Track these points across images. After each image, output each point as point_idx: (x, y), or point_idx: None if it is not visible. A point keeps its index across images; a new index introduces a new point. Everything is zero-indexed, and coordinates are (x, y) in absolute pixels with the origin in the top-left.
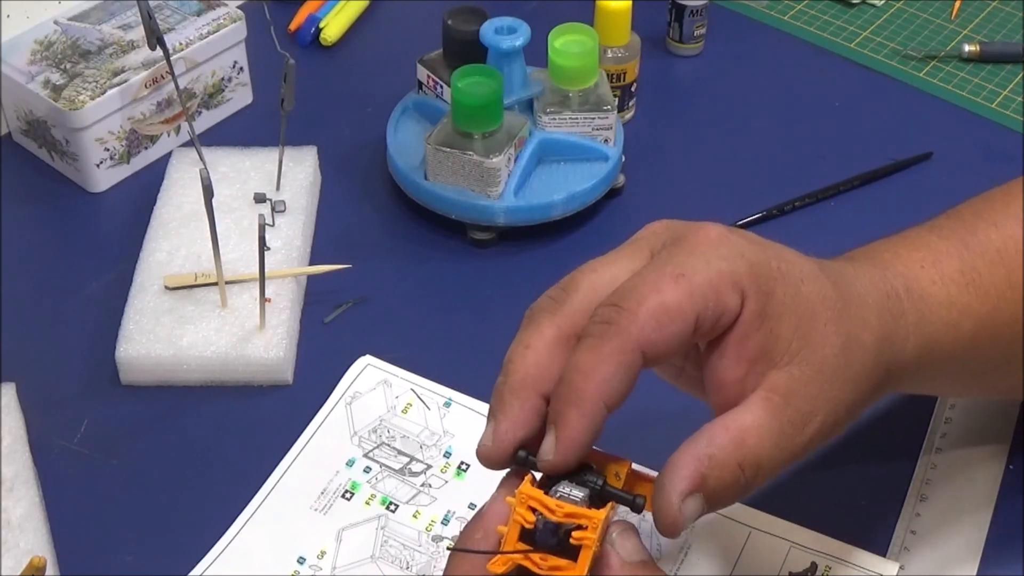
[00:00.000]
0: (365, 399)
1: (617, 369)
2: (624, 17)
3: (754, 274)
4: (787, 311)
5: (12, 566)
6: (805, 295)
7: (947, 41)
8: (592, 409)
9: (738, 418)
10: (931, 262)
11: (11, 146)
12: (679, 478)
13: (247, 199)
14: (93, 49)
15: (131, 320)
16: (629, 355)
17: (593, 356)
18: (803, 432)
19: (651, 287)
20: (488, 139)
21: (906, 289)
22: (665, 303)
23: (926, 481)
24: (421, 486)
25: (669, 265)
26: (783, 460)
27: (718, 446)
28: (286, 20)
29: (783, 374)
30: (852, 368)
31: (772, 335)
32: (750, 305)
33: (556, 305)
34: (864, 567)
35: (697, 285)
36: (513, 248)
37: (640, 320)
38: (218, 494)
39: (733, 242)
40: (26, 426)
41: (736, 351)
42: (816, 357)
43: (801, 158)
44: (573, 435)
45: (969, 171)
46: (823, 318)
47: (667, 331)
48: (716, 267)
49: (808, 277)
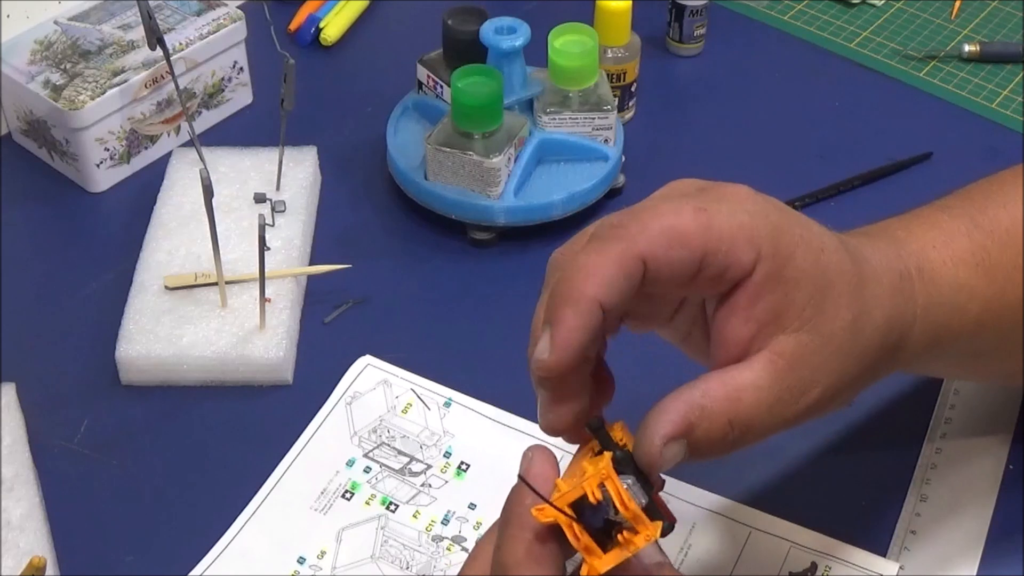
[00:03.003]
0: (365, 399)
1: (617, 272)
2: (624, 17)
3: (775, 236)
4: (804, 277)
5: (12, 566)
6: (824, 264)
7: (947, 41)
8: (588, 308)
9: (737, 375)
10: (942, 242)
11: (11, 146)
12: (665, 420)
13: (247, 199)
14: (93, 49)
15: (131, 320)
16: (631, 260)
17: (596, 257)
18: (800, 400)
19: (670, 208)
20: (488, 139)
21: (918, 270)
22: (678, 226)
23: (926, 481)
24: (421, 486)
25: (694, 199)
26: (775, 425)
27: (711, 398)
28: (286, 20)
29: (791, 339)
30: (860, 343)
31: (786, 299)
32: (765, 266)
33: (572, 253)
34: (864, 567)
35: (715, 224)
36: (513, 248)
37: (650, 232)
38: (218, 494)
39: (760, 202)
40: (26, 426)
41: (747, 310)
42: (826, 327)
43: (801, 158)
44: (568, 334)
45: (969, 171)
46: (838, 290)
47: (673, 253)
48: (738, 218)
49: (829, 247)
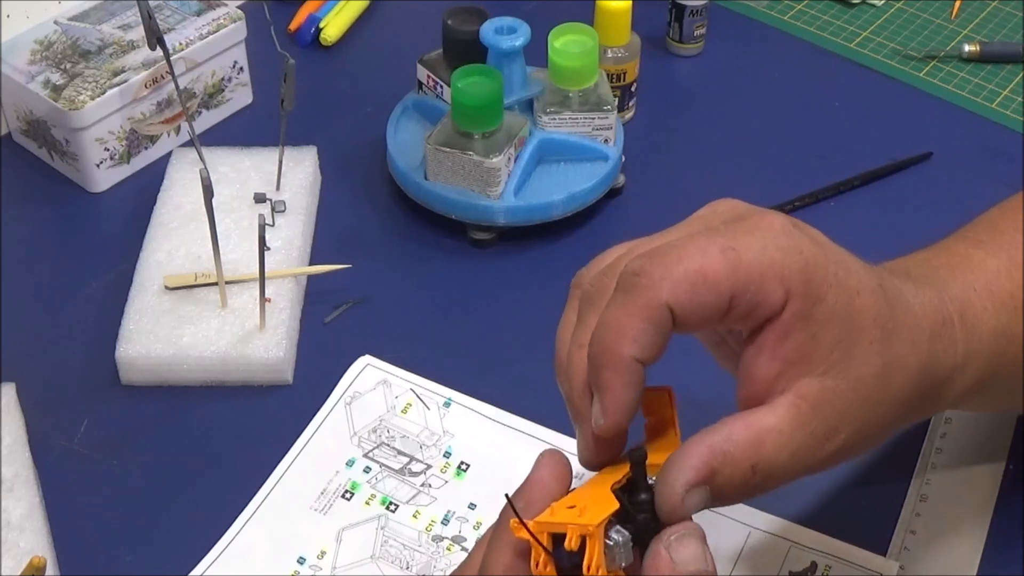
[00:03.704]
0: (365, 399)
1: (646, 326)
2: (624, 17)
3: (807, 274)
4: (834, 320)
5: (12, 566)
6: (857, 308)
7: (947, 41)
8: (626, 367)
9: (761, 419)
10: (983, 285)
11: (11, 146)
12: (688, 467)
13: (247, 199)
14: (93, 49)
15: (131, 320)
16: (658, 311)
17: (621, 312)
18: (824, 447)
19: (696, 249)
20: (488, 139)
21: (960, 316)
22: (704, 270)
23: (926, 481)
24: (421, 486)
25: (722, 236)
26: (798, 470)
27: (734, 443)
28: (286, 20)
29: (816, 383)
30: (890, 391)
31: (814, 340)
32: (795, 304)
33: (600, 292)
34: (864, 566)
35: (744, 264)
36: (513, 248)
37: (674, 279)
38: (218, 494)
39: (795, 237)
40: (26, 426)
41: (773, 348)
42: (854, 373)
43: (801, 158)
44: (616, 397)
45: (969, 171)
46: (870, 335)
47: (699, 299)
48: (769, 255)
49: (865, 290)
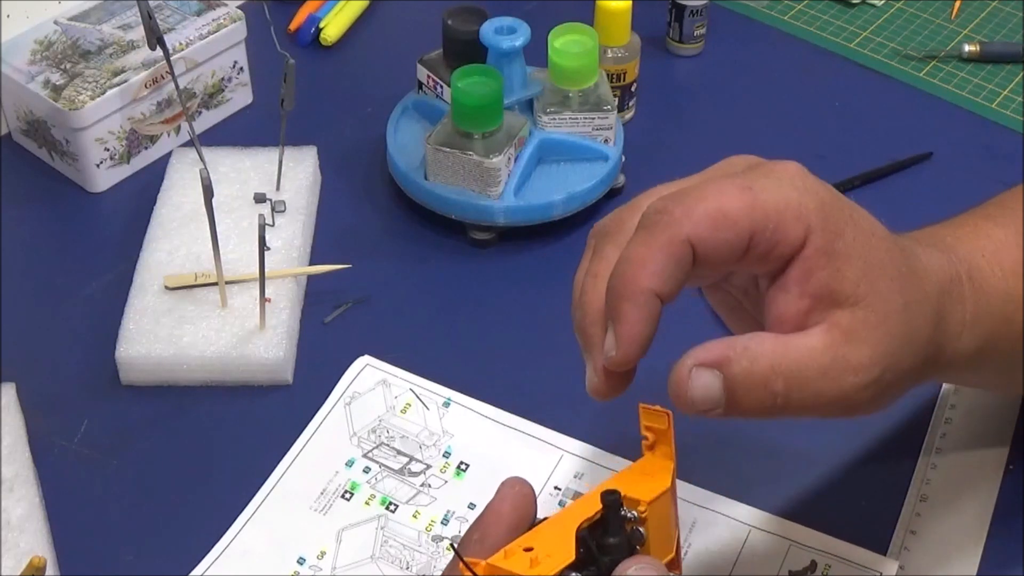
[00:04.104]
0: (364, 399)
1: (667, 260)
2: (624, 17)
3: (824, 212)
4: (856, 254)
5: (12, 566)
6: (875, 245)
7: (947, 41)
8: (645, 300)
9: (792, 336)
10: (991, 251)
11: (11, 146)
12: (701, 348)
13: (247, 199)
14: (93, 49)
15: (131, 320)
16: (679, 246)
17: (644, 248)
18: (853, 377)
19: (714, 189)
20: (488, 139)
21: (968, 276)
22: (724, 207)
23: (926, 481)
24: (420, 486)
25: (739, 178)
26: (823, 392)
27: (758, 340)
28: (286, 20)
29: (847, 313)
30: (912, 329)
31: (839, 274)
32: (816, 240)
33: (618, 227)
34: (864, 566)
35: (762, 202)
36: (513, 248)
37: (695, 216)
38: (218, 494)
39: (810, 180)
40: (26, 426)
41: (800, 285)
42: (881, 306)
43: (801, 158)
44: (632, 329)
45: (969, 171)
46: (890, 273)
47: (720, 235)
48: (786, 194)
49: (879, 232)
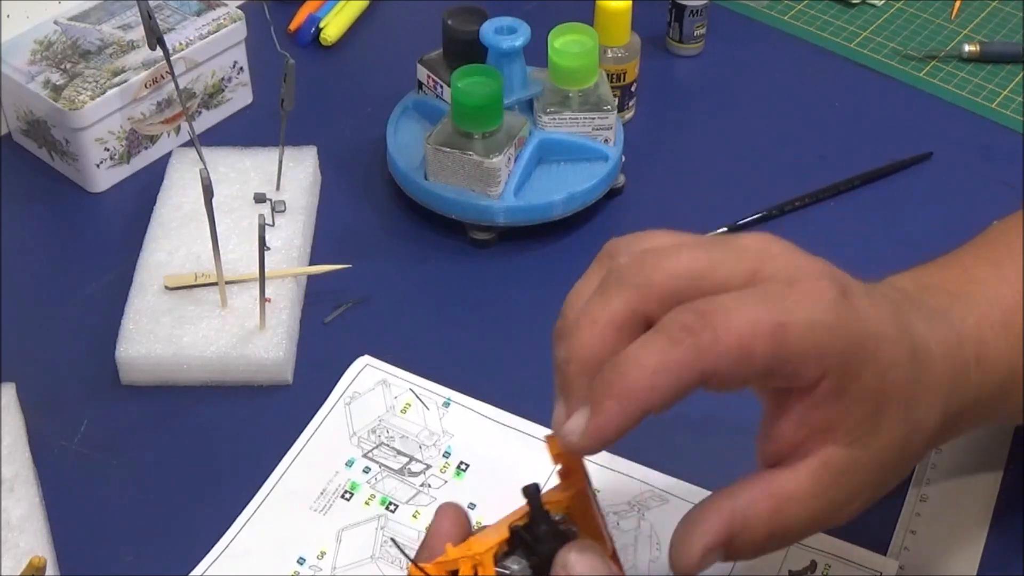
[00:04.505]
0: (364, 399)
1: (676, 384)
2: (624, 17)
3: (846, 353)
4: (866, 396)
5: (12, 566)
6: (889, 382)
7: (947, 41)
8: (634, 410)
9: (782, 485)
10: (1000, 323)
11: (11, 146)
12: (707, 531)
13: (247, 199)
14: (93, 49)
15: (131, 320)
16: (693, 375)
17: (658, 358)
18: (842, 511)
19: (749, 320)
20: (488, 139)
21: (976, 359)
22: (754, 346)
23: (926, 481)
24: (420, 486)
25: (774, 304)
26: (812, 532)
27: (756, 511)
28: (286, 20)
29: (841, 452)
30: (908, 455)
31: (844, 414)
32: (829, 382)
33: (636, 278)
34: (864, 565)
35: (790, 344)
36: (513, 248)
37: (720, 348)
38: (218, 494)
39: (842, 312)
40: (26, 426)
41: (802, 416)
42: (877, 444)
43: (801, 158)
44: (606, 427)
45: (969, 171)
46: (897, 407)
47: (740, 371)
48: (815, 333)
49: (899, 361)
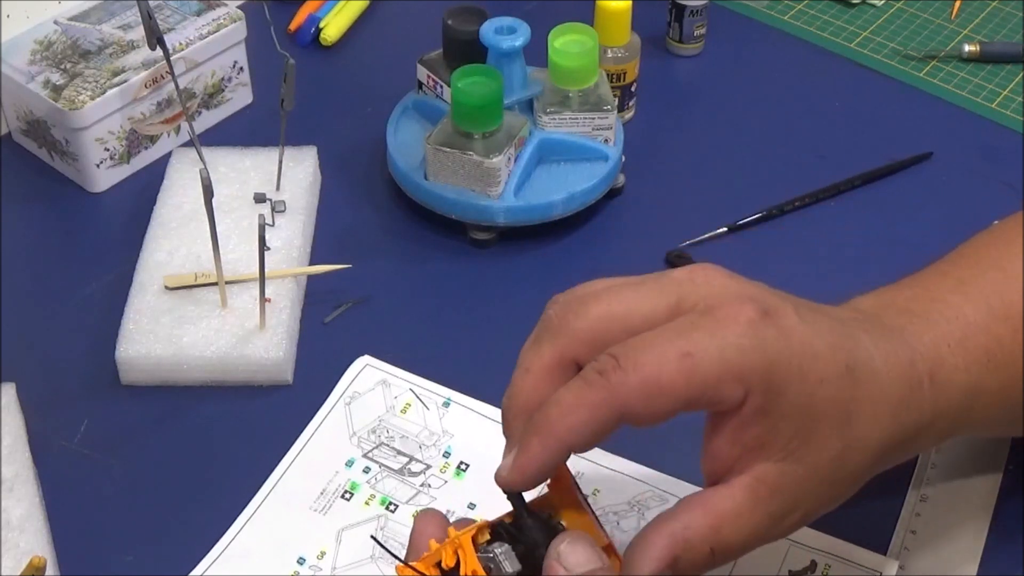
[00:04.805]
0: (364, 399)
1: (591, 421)
2: (624, 17)
3: (768, 372)
4: (794, 412)
5: (12, 566)
6: (819, 398)
7: (947, 41)
8: (555, 446)
9: (719, 503)
10: (957, 340)
11: (11, 146)
12: (652, 558)
13: (247, 199)
14: (93, 49)
15: (131, 320)
16: (607, 412)
17: (575, 400)
18: (780, 524)
19: (656, 356)
20: (488, 139)
21: (930, 377)
22: (661, 380)
23: (926, 481)
24: (420, 486)
25: (683, 338)
26: (755, 545)
27: (694, 530)
28: (286, 20)
29: (775, 468)
30: (847, 470)
31: (773, 431)
32: (754, 400)
33: (559, 327)
34: (864, 565)
35: (700, 371)
36: (513, 248)
37: (630, 386)
38: (218, 494)
39: (759, 333)
40: (26, 426)
41: (733, 435)
42: (811, 459)
43: (801, 158)
44: (530, 463)
45: (969, 171)
46: (830, 422)
47: (654, 405)
48: (728, 357)
49: (829, 377)
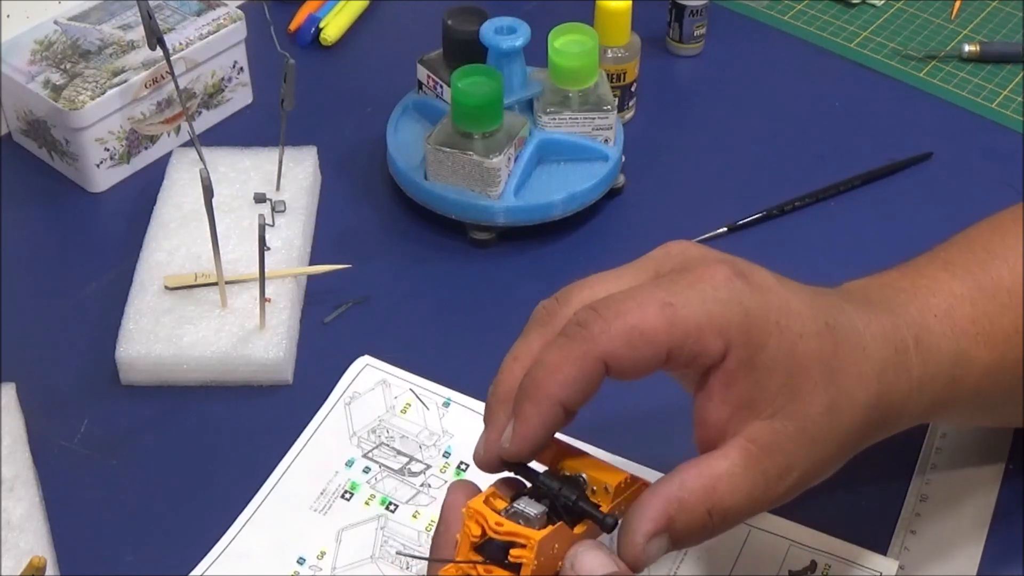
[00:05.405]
0: (364, 399)
1: (579, 374)
2: (624, 17)
3: (747, 324)
4: (777, 366)
5: (12, 566)
6: (800, 352)
7: (947, 41)
8: (548, 407)
9: (713, 464)
10: (944, 311)
11: (11, 146)
12: (647, 519)
13: (247, 199)
14: (93, 49)
15: (131, 320)
16: (592, 363)
17: (559, 355)
18: (777, 486)
19: (635, 304)
20: (488, 139)
21: (916, 341)
22: (641, 326)
23: (926, 481)
24: (420, 486)
25: (662, 290)
26: (753, 509)
27: (688, 490)
28: (286, 20)
29: (765, 426)
30: (838, 427)
31: (758, 386)
32: (736, 353)
33: (547, 317)
34: (864, 566)
35: (680, 319)
36: (513, 248)
37: (611, 333)
38: (218, 494)
39: (735, 288)
40: (26, 426)
41: (721, 394)
42: (800, 414)
43: (801, 158)
44: (528, 430)
45: (969, 171)
46: (814, 376)
47: (636, 353)
48: (708, 308)
49: (808, 332)
